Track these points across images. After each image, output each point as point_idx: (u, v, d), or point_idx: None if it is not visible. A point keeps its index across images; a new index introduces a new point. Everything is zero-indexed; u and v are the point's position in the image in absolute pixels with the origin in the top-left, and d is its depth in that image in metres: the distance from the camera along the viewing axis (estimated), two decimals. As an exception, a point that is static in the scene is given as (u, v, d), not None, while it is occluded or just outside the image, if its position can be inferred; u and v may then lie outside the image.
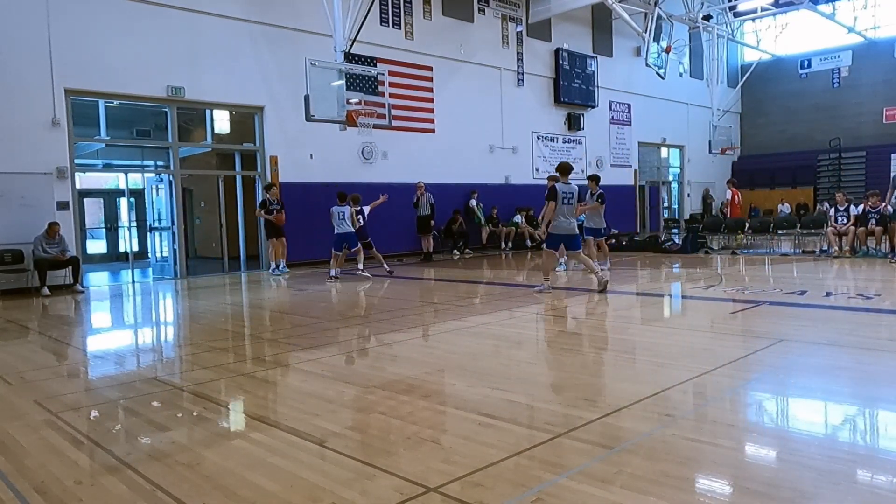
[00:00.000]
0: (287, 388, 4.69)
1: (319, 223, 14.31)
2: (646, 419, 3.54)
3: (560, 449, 3.13)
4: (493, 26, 18.14)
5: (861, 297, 7.79)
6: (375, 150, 15.36)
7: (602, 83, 21.12)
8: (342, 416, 3.79)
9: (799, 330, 6.17)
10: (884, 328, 6.25)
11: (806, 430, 3.55)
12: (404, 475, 2.86)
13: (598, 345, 5.77)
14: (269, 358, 5.65)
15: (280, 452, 3.21)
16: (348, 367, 5.03)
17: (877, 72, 24.12)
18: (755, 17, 24.73)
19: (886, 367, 4.71)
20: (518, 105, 18.67)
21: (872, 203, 12.90)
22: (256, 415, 3.93)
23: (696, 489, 2.74)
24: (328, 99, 11.64)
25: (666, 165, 25.43)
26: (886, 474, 2.81)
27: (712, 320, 6.87)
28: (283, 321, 7.91)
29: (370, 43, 14.23)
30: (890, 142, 23.69)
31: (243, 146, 14.51)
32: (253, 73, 13.39)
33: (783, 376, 4.55)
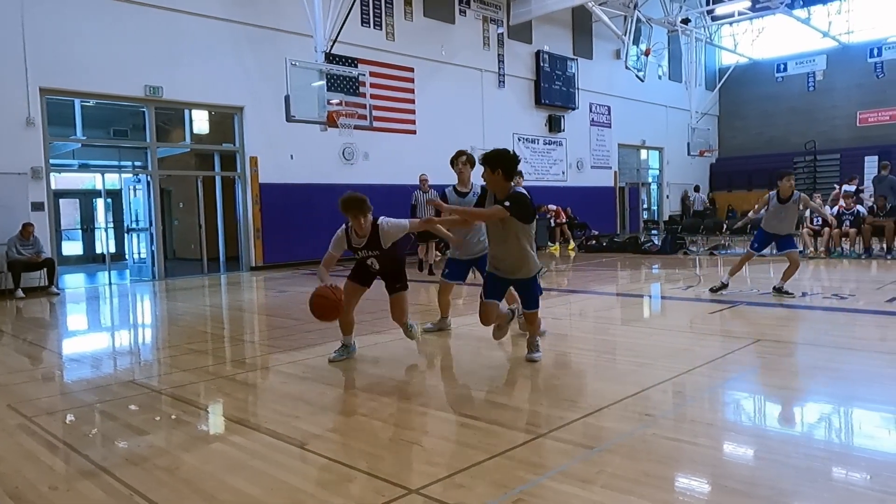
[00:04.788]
0: (267, 390, 4.65)
1: (300, 224, 14.26)
2: (626, 419, 3.56)
3: (541, 449, 3.14)
4: (474, 28, 18.17)
5: (836, 297, 7.92)
6: (356, 151, 15.31)
7: (582, 85, 21.26)
8: (323, 419, 3.77)
9: (776, 330, 6.26)
10: (858, 328, 6.36)
11: (783, 429, 3.60)
12: (386, 477, 2.85)
13: (579, 345, 5.80)
14: (248, 360, 5.60)
15: (260, 455, 3.19)
16: (329, 368, 5.00)
17: (851, 76, 24.54)
18: (732, 21, 25.05)
19: (861, 366, 4.79)
20: (499, 106, 18.73)
21: (846, 205, 13.14)
22: (236, 417, 3.89)
23: (676, 488, 2.76)
24: (309, 99, 11.58)
25: (645, 167, 25.65)
26: (861, 471, 2.86)
27: (691, 320, 6.94)
28: (264, 323, 7.85)
29: (351, 44, 14.18)
30: (863, 144, 24.12)
31: (223, 147, 14.39)
32: (233, 73, 13.28)
33: (760, 375, 4.61)
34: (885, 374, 4.54)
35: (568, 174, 21.08)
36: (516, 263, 4.57)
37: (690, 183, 25.70)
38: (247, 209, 13.79)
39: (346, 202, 4.96)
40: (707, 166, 27.33)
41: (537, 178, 19.60)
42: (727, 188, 26.75)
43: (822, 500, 2.60)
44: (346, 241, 5.09)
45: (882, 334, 6.03)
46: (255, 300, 10.05)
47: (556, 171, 20.76)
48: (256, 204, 13.76)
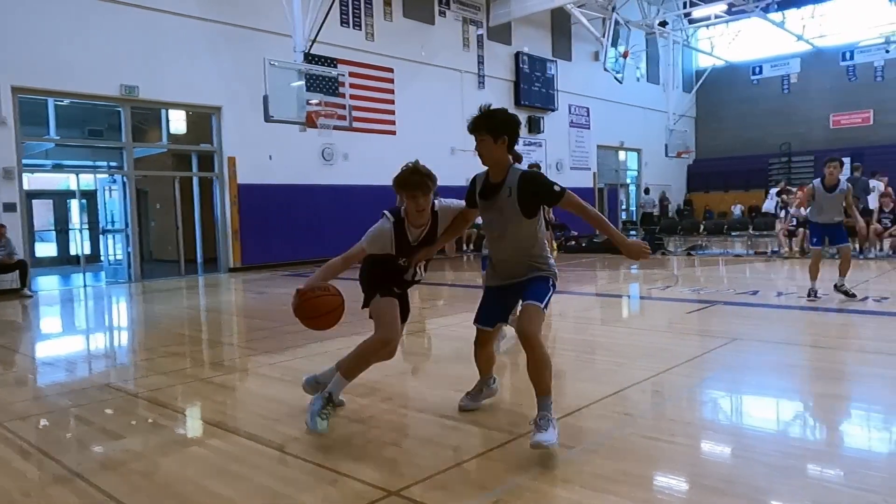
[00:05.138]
0: (246, 393, 4.61)
1: (278, 225, 14.16)
2: (606, 418, 3.58)
3: (522, 449, 3.14)
4: (454, 29, 18.19)
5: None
6: (336, 152, 15.24)
7: (561, 87, 21.38)
8: (302, 421, 3.73)
9: (752, 329, 6.34)
10: (831, 326, 6.46)
11: (760, 427, 3.65)
12: (365, 479, 2.84)
13: (559, 345, 5.82)
14: (227, 363, 5.55)
15: (238, 459, 3.15)
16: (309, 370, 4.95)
17: (824, 79, 24.98)
18: (709, 24, 25.37)
19: (835, 363, 4.87)
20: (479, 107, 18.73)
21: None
22: (214, 421, 3.85)
23: (655, 487, 2.79)
24: (288, 99, 11.51)
25: (624, 168, 25.86)
26: (836, 468, 2.91)
27: (669, 320, 7.01)
28: (242, 325, 7.79)
29: (330, 44, 14.11)
30: (837, 146, 24.50)
31: (200, 147, 14.24)
32: (210, 73, 13.15)
33: (737, 374, 4.66)
34: (860, 371, 4.62)
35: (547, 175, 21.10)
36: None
37: (668, 184, 25.98)
38: (225, 210, 13.66)
39: (410, 177, 3.46)
40: (685, 168, 27.63)
41: (517, 179, 19.66)
42: (704, 189, 27.08)
43: (798, 498, 2.63)
44: (396, 238, 3.49)
45: (856, 332, 6.14)
46: (234, 302, 9.96)
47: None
48: (234, 205, 13.64)
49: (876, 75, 23.95)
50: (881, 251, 12.56)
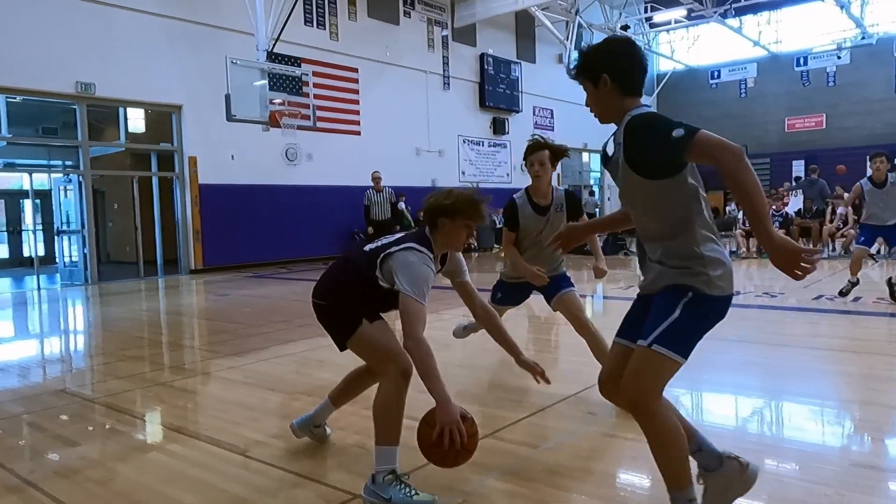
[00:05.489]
0: (207, 396, 4.52)
1: (241, 226, 13.96)
2: (570, 417, 3.62)
3: (486, 450, 3.15)
4: (419, 29, 18.18)
5: (767, 296, 8.25)
6: (300, 152, 15.09)
7: (526, 89, 21.55)
8: (266, 424, 3.69)
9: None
10: (788, 325, 6.64)
11: (718, 423, 3.73)
12: (330, 482, 2.82)
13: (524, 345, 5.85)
14: (188, 366, 5.44)
15: (200, 464, 3.10)
16: (272, 373, 4.90)
17: (780, 83, 25.67)
18: (669, 29, 25.85)
19: (791, 361, 5.01)
20: (444, 108, 18.79)
21: (776, 207, 13.73)
22: (174, 426, 3.77)
23: (618, 484, 2.82)
24: (250, 99, 11.36)
25: (587, 170, 26.18)
26: (791, 462, 2.98)
27: (632, 319, 7.10)
28: (204, 327, 7.65)
29: (294, 43, 13.97)
30: (792, 149, 25.27)
31: (160, 146, 13.95)
32: (170, 71, 12.89)
33: (697, 372, 4.75)
34: (814, 368, 4.75)
35: (512, 176, 21.31)
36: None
37: (630, 185, 26.36)
38: (186, 210, 13.41)
39: (474, 201, 2.82)
40: (646, 169, 28.06)
41: (482, 180, 19.77)
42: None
43: (754, 492, 2.69)
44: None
45: (810, 330, 6.31)
46: (195, 304, 9.78)
47: (501, 173, 20.97)
48: (196, 205, 13.40)
49: (828, 81, 24.71)
50: (833, 251, 12.97)
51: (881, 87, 23.69)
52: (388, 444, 2.65)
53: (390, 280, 2.71)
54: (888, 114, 23.65)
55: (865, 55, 23.39)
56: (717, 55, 26.97)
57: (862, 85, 23.96)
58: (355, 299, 2.81)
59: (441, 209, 2.79)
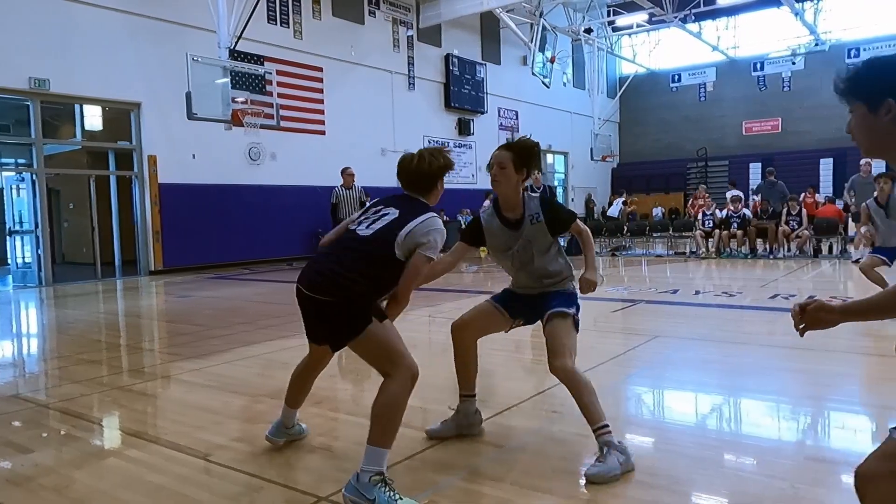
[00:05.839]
0: (168, 400, 4.43)
1: (203, 226, 13.72)
2: (534, 416, 3.65)
3: (452, 450, 3.16)
4: (384, 29, 18.13)
5: (725, 295, 8.45)
6: (263, 151, 14.90)
7: (491, 90, 21.66)
8: (228, 428, 3.63)
9: (673, 326, 6.60)
10: (746, 323, 6.81)
11: (680, 421, 3.80)
12: (294, 485, 2.79)
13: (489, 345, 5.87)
14: (147, 369, 5.32)
15: (160, 469, 3.03)
16: (235, 376, 4.83)
17: (737, 88, 26.32)
18: (631, 33, 26.31)
19: (749, 358, 5.13)
20: (409, 109, 18.77)
21: (734, 208, 14.06)
22: (133, 430, 3.68)
23: (581, 482, 2.85)
24: (212, 97, 11.17)
25: (551, 171, 26.43)
26: (749, 457, 3.06)
27: (595, 319, 7.20)
28: (164, 330, 7.49)
29: (257, 41, 13.79)
30: (749, 152, 25.93)
31: (118, 144, 13.63)
32: (129, 67, 12.60)
33: (659, 370, 4.84)
34: (771, 365, 4.88)
35: (478, 177, 21.38)
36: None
37: (594, 187, 26.73)
38: (145, 210, 13.12)
39: (447, 155, 3.08)
40: (609, 171, 28.50)
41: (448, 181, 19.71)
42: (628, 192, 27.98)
43: (714, 487, 2.76)
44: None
45: (767, 329, 6.48)
46: (155, 306, 9.58)
47: (466, 174, 21.02)
48: (156, 205, 13.12)
49: (784, 85, 25.42)
50: (789, 251, 13.34)
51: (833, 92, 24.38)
52: (382, 446, 2.59)
53: (411, 249, 2.68)
54: (840, 119, 24.05)
55: (819, 61, 24.13)
56: (678, 59, 27.54)
57: (815, 90, 24.70)
58: (370, 291, 2.65)
59: (439, 170, 2.91)
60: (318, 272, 2.67)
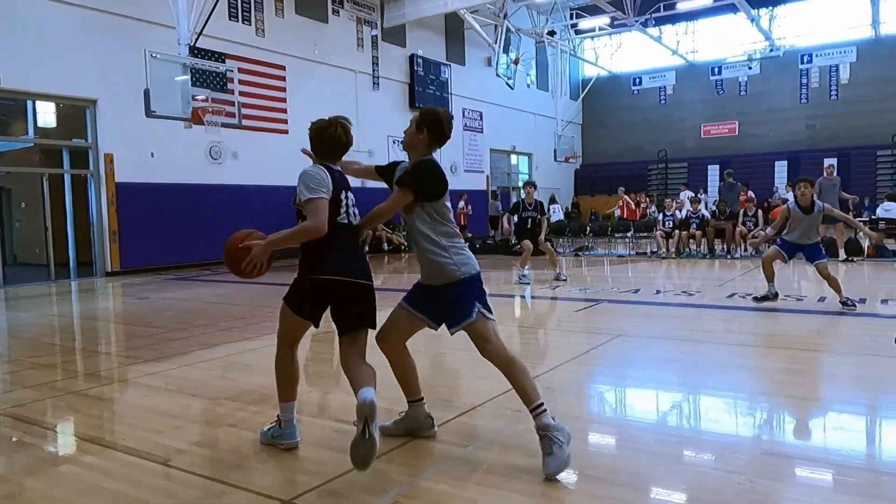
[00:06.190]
0: (125, 404, 4.33)
1: (162, 226, 13.43)
2: (499, 416, 3.66)
3: (417, 451, 3.15)
4: (348, 28, 18.01)
5: (685, 294, 8.62)
6: (224, 150, 14.66)
7: (455, 91, 21.70)
8: (188, 432, 3.56)
9: (634, 325, 6.71)
10: (705, 321, 6.96)
11: (641, 418, 3.86)
12: (257, 489, 2.74)
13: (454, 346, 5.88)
14: (104, 373, 5.18)
15: (116, 475, 2.96)
16: (195, 378, 4.74)
17: (696, 91, 26.90)
18: (594, 36, 26.66)
19: (708, 356, 5.24)
20: (374, 108, 18.67)
21: (693, 209, 14.37)
22: (88, 436, 3.58)
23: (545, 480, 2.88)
24: (172, 94, 10.95)
25: (516, 172, 26.62)
26: (708, 453, 3.13)
27: (558, 318, 7.28)
28: (121, 332, 7.31)
29: (218, 38, 13.57)
30: (708, 154, 26.51)
31: (73, 142, 13.24)
32: (85, 63, 12.25)
33: (621, 369, 4.91)
34: (729, 363, 4.99)
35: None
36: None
37: (558, 188, 26.99)
38: (101, 210, 12.78)
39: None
40: (572, 172, 28.83)
41: (412, 181, 19.75)
42: (590, 193, 28.39)
43: (674, 482, 2.81)
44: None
45: (725, 327, 6.63)
46: (112, 308, 9.34)
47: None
48: (112, 204, 12.80)
49: (741, 90, 26.07)
50: (745, 251, 13.67)
51: (788, 97, 25.19)
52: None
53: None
54: (794, 122, 25.18)
55: (774, 66, 24.83)
56: (639, 63, 28.01)
57: (771, 94, 25.42)
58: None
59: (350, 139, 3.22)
60: (357, 260, 3.11)
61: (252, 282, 5.02)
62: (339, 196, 3.07)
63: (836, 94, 24.38)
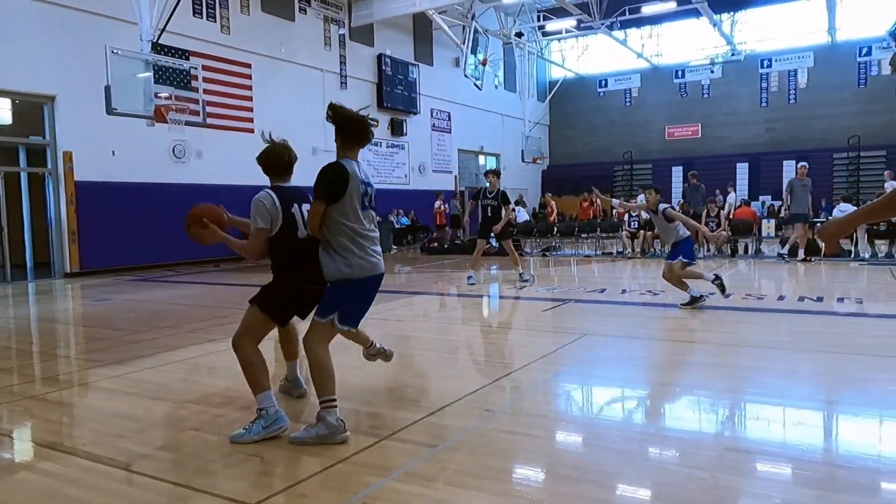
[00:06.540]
0: (86, 409, 4.22)
1: (124, 226, 13.14)
2: (467, 415, 3.67)
3: (385, 451, 3.14)
4: (315, 27, 17.87)
5: (650, 294, 8.75)
6: (188, 149, 14.41)
7: (423, 91, 21.69)
8: (151, 436, 3.49)
9: (600, 324, 6.79)
10: (668, 320, 7.06)
11: (607, 416, 3.91)
12: (222, 493, 2.70)
13: (422, 346, 5.89)
14: (63, 377, 5.05)
15: (76, 482, 2.88)
16: (158, 381, 4.64)
17: (660, 94, 27.34)
18: (560, 38, 26.90)
19: (671, 354, 5.33)
20: (341, 108, 18.52)
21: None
22: (47, 441, 3.48)
23: (514, 479, 2.90)
24: (134, 91, 10.72)
25: (484, 172, 26.69)
26: (671, 450, 3.18)
27: (526, 318, 7.33)
28: (81, 335, 7.13)
29: (182, 34, 13.34)
30: (672, 156, 26.97)
31: (29, 140, 12.87)
32: (43, 58, 11.92)
33: (587, 367, 4.97)
34: (692, 360, 5.09)
35: (410, 177, 21.39)
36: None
37: (525, 188, 27.17)
38: (60, 209, 12.45)
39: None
40: (539, 172, 29.04)
41: (381, 181, 19.68)
42: (557, 193, 28.61)
43: (640, 479, 2.85)
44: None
45: (689, 326, 6.75)
46: (71, 310, 9.10)
47: (399, 174, 20.99)
48: (72, 203, 12.48)
49: (703, 93, 26.59)
50: (708, 251, 13.94)
51: (748, 100, 25.79)
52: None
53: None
54: (755, 125, 25.79)
55: (735, 71, 25.39)
56: (605, 65, 28.37)
57: (732, 98, 25.97)
58: None
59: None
60: (316, 265, 3.38)
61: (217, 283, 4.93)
62: (290, 211, 3.44)
63: (795, 97, 25.04)
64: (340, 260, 3.29)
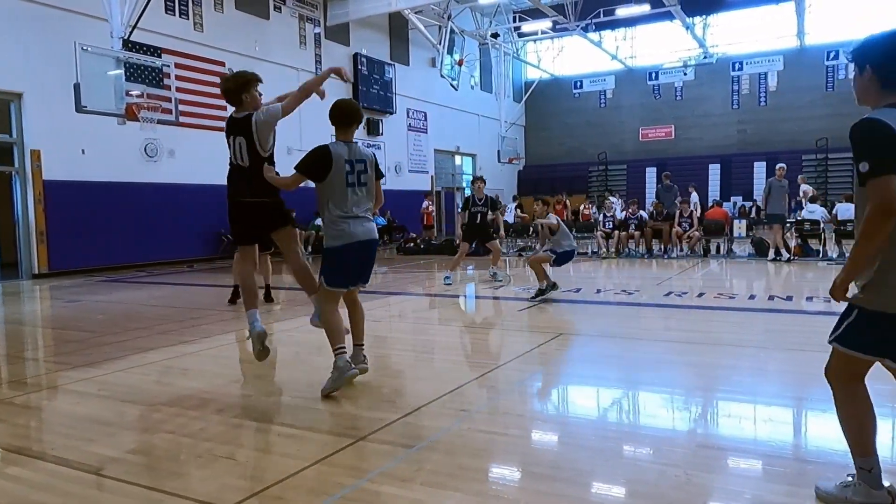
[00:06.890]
0: (54, 412, 4.14)
1: (94, 226, 12.91)
2: (444, 416, 3.67)
3: (362, 452, 3.13)
4: (290, 26, 17.73)
5: (624, 293, 8.84)
6: (160, 148, 14.20)
7: (400, 91, 21.64)
8: (122, 439, 3.43)
9: (575, 324, 6.84)
10: (643, 319, 7.15)
11: (582, 414, 3.94)
12: (196, 496, 2.67)
13: (398, 346, 5.88)
14: (31, 380, 4.94)
15: (45, 487, 2.82)
16: (130, 384, 4.57)
17: (634, 96, 27.63)
18: (536, 39, 27.05)
19: (645, 353, 5.39)
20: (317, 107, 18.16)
21: (632, 210, 14.76)
22: (14, 446, 3.40)
23: (490, 478, 2.91)
24: (104, 89, 10.52)
25: (460, 172, 26.75)
26: (646, 447, 3.21)
27: (502, 318, 7.35)
28: (50, 337, 6.99)
29: (154, 31, 13.14)
30: (646, 157, 27.28)
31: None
32: (9, 54, 11.65)
33: (563, 366, 5.01)
34: (666, 359, 5.15)
35: (387, 177, 21.31)
36: None
37: (501, 189, 27.24)
38: (27, 209, 12.18)
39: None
40: (515, 173, 29.16)
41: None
42: (533, 194, 28.75)
43: (614, 476, 2.88)
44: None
45: (663, 324, 6.84)
46: (39, 312, 8.92)
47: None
48: (40, 203, 12.21)
49: (676, 95, 26.92)
50: (681, 251, 14.13)
51: (720, 102, 26.19)
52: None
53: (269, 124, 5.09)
54: (726, 127, 26.20)
55: (707, 73, 25.75)
56: (580, 66, 28.58)
57: (704, 100, 26.36)
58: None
59: (243, 85, 4.88)
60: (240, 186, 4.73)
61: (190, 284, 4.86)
62: (228, 141, 4.70)
63: (765, 100, 25.49)
64: (327, 231, 4.10)
